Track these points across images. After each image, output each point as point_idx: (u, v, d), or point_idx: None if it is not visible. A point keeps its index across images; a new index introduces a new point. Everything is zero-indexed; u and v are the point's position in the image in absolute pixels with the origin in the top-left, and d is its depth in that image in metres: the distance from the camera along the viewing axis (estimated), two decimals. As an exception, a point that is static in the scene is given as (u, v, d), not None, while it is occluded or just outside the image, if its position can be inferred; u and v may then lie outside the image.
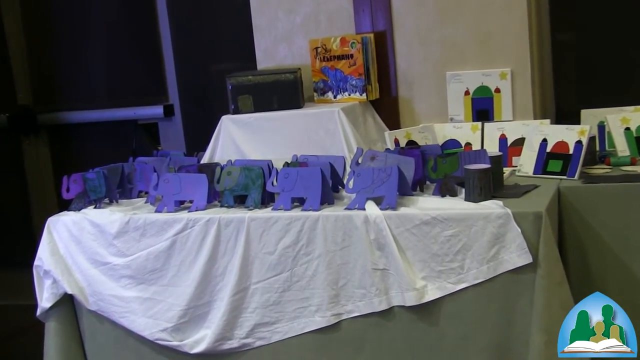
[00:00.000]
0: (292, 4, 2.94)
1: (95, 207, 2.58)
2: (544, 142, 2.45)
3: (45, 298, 2.55)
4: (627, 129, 2.53)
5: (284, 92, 2.77)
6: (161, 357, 2.46)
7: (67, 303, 2.58)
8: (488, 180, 2.16)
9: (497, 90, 2.72)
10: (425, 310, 2.14)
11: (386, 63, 2.85)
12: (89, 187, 2.58)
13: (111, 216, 2.48)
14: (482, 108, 2.75)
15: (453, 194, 2.25)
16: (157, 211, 2.45)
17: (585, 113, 2.69)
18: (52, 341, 2.58)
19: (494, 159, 2.26)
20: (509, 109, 2.71)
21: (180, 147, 3.69)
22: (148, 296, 2.44)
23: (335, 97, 2.83)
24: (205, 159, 2.78)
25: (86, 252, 2.52)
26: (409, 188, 2.28)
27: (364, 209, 2.19)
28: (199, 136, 3.28)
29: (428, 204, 2.19)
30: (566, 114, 2.88)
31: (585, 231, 2.21)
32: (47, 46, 4.09)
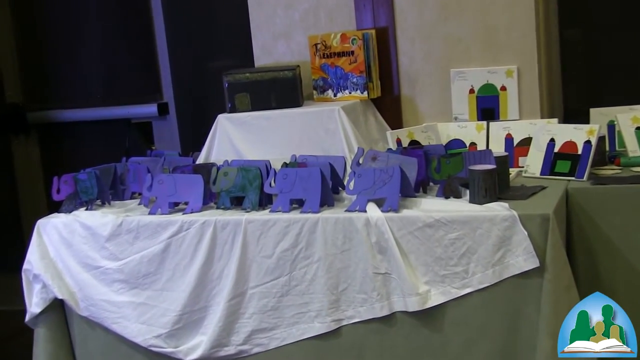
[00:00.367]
0: (291, -1, 2.95)
1: (86, 209, 2.59)
2: (552, 142, 2.46)
3: (34, 303, 2.56)
4: (638, 129, 2.54)
5: (283, 90, 2.77)
6: (155, 365, 2.47)
7: (57, 308, 2.58)
8: (493, 181, 2.17)
9: (503, 88, 2.73)
10: (428, 316, 2.14)
11: (388, 60, 2.86)
12: (80, 188, 2.59)
13: (103, 218, 2.48)
14: (488, 107, 2.76)
15: (457, 196, 2.25)
16: (151, 213, 2.45)
17: (594, 112, 2.70)
18: (42, 348, 2.58)
19: (500, 160, 2.27)
20: (516, 108, 2.72)
21: (175, 147, 3.70)
22: (141, 301, 2.44)
23: (335, 96, 2.84)
24: (200, 159, 2.79)
25: (77, 256, 2.52)
26: (412, 189, 2.28)
27: (365, 211, 2.20)
28: (195, 135, 3.29)
29: (431, 206, 2.19)
30: (574, 113, 2.88)
31: (594, 234, 2.22)
32: (38, 42, 4.09)
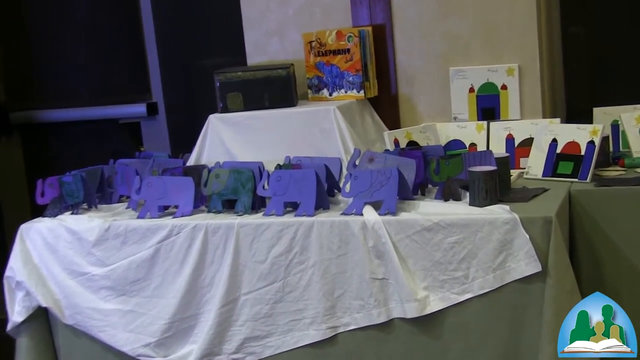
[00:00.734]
0: (285, -5, 2.96)
1: (72, 213, 2.58)
2: (554, 143, 2.47)
3: (16, 312, 2.55)
4: (643, 129, 2.55)
5: (276, 89, 2.78)
6: (143, 374, 2.47)
7: (41, 317, 2.58)
8: (494, 183, 2.17)
9: (504, 87, 2.74)
10: (427, 322, 2.15)
11: (385, 58, 2.86)
12: (66, 192, 2.59)
13: (90, 223, 2.48)
14: (488, 106, 2.77)
15: (457, 198, 2.26)
16: (140, 217, 2.45)
17: (597, 111, 2.71)
18: (24, 359, 2.57)
19: (501, 161, 2.28)
20: (517, 107, 2.73)
21: (164, 148, 3.70)
22: (129, 309, 2.44)
23: (330, 95, 2.84)
24: (191, 161, 2.79)
25: (62, 262, 2.52)
26: (410, 192, 2.29)
27: (362, 214, 2.20)
28: (185, 136, 3.29)
29: (430, 209, 2.20)
30: (577, 113, 2.90)
31: (597, 237, 2.23)
32: (22, 40, 4.09)
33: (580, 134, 2.43)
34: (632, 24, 3.00)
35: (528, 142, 2.59)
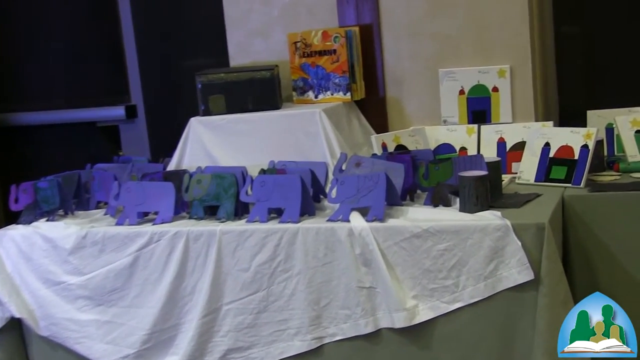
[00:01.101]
0: (269, -6, 2.96)
1: (47, 220, 2.57)
2: (547, 147, 2.48)
3: (-11, 323, 2.54)
4: (638, 132, 2.56)
5: (260, 92, 2.78)
6: (122, 388, 2.46)
7: (15, 328, 2.57)
8: (485, 188, 2.18)
9: (495, 89, 2.75)
10: (416, 332, 2.15)
11: (373, 59, 2.87)
12: (41, 198, 2.57)
13: (66, 230, 2.47)
14: (479, 109, 2.78)
15: (447, 204, 2.27)
16: (118, 224, 2.45)
17: (591, 114, 2.72)
18: (-3, 372, 2.57)
19: (492, 165, 2.28)
20: (508, 110, 2.74)
21: (144, 153, 3.69)
22: (107, 319, 2.43)
23: (316, 97, 2.85)
24: (172, 166, 2.79)
25: (37, 271, 2.51)
26: (398, 197, 2.29)
27: (349, 221, 2.21)
28: (165, 140, 3.27)
29: (419, 215, 2.21)
30: (571, 115, 2.91)
31: (592, 244, 2.24)
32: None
33: (573, 138, 2.44)
34: (627, 25, 3.02)
35: (520, 146, 2.60)
